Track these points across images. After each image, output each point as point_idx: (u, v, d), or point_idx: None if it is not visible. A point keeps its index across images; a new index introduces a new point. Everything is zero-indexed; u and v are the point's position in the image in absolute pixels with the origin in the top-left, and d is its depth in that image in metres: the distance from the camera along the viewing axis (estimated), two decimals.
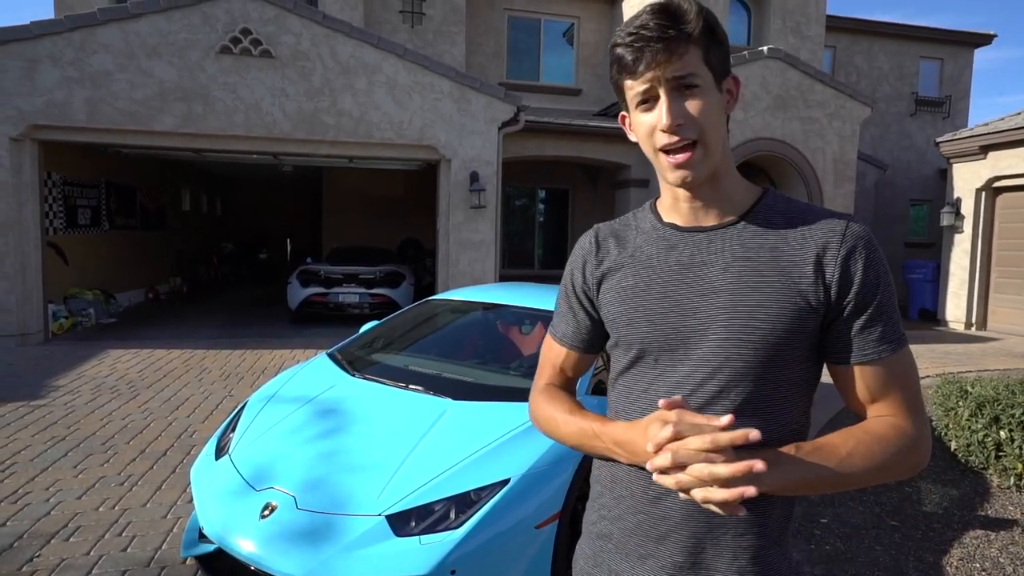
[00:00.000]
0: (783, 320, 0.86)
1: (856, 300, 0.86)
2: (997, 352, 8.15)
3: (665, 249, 0.95)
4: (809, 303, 0.86)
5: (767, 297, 0.87)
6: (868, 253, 0.87)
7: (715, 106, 0.88)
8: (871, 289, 0.86)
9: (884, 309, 0.86)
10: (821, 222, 0.89)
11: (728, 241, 0.91)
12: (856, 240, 0.87)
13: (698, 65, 0.85)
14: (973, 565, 2.81)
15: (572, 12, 11.87)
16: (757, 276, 0.88)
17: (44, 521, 2.95)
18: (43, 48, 6.82)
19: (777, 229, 0.90)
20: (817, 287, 0.86)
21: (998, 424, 3.72)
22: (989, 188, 9.89)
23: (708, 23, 0.87)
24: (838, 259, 0.86)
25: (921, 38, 14.18)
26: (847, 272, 0.86)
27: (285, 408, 2.79)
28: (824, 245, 0.87)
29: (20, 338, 6.90)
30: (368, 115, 7.77)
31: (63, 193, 8.39)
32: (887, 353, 0.87)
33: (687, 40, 0.85)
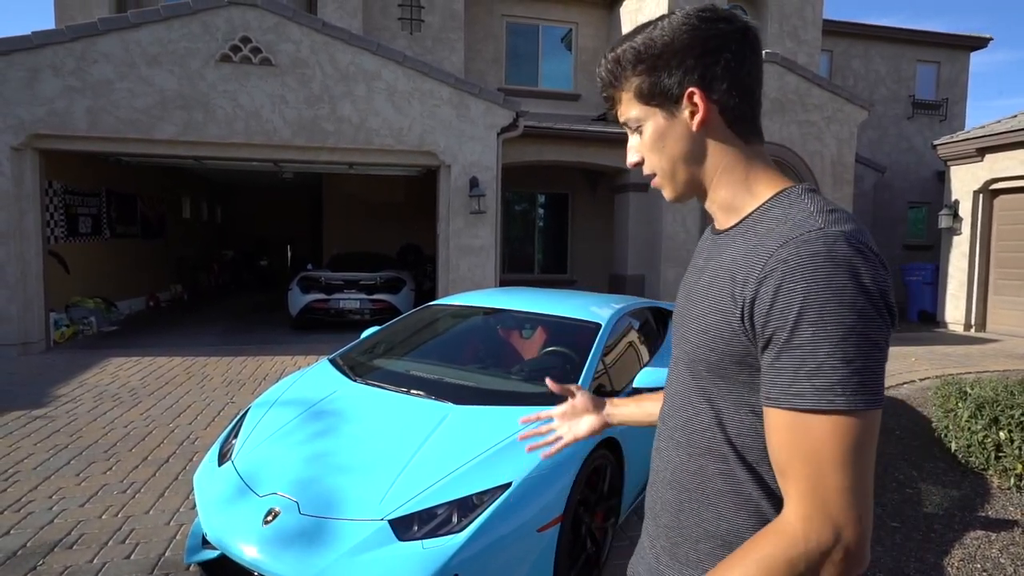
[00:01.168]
0: (710, 334, 0.82)
1: (763, 329, 0.74)
2: (996, 353, 8.16)
3: (699, 252, 1.00)
4: (734, 324, 0.78)
5: (703, 308, 0.86)
6: (789, 281, 0.71)
7: (667, 135, 0.88)
8: (780, 319, 0.71)
9: (796, 349, 0.70)
10: (771, 234, 0.78)
11: (716, 248, 0.91)
12: (779, 262, 0.72)
13: (632, 107, 0.90)
14: (974, 566, 2.82)
15: (570, 18, 11.93)
16: (711, 286, 0.85)
17: (48, 529, 2.96)
18: (44, 58, 6.86)
19: (743, 238, 0.83)
20: (736, 307, 0.78)
21: (998, 425, 3.73)
22: (987, 190, 9.92)
23: (630, 59, 0.87)
24: (750, 279, 0.76)
25: (917, 42, 14.25)
26: (756, 295, 0.74)
27: (287, 414, 2.80)
28: (751, 259, 0.77)
29: (22, 347, 6.91)
30: (368, 121, 7.81)
31: (64, 202, 8.42)
32: (786, 405, 0.71)
33: (615, 89, 0.91)
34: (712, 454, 0.86)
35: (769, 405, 0.74)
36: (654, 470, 0.99)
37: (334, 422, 2.69)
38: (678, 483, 0.91)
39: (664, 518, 0.94)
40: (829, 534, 0.68)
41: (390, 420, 2.66)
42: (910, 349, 8.25)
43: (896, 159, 14.16)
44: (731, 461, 0.84)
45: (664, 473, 0.95)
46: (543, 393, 2.85)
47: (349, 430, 2.61)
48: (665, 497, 0.94)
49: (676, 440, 0.92)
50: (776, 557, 0.70)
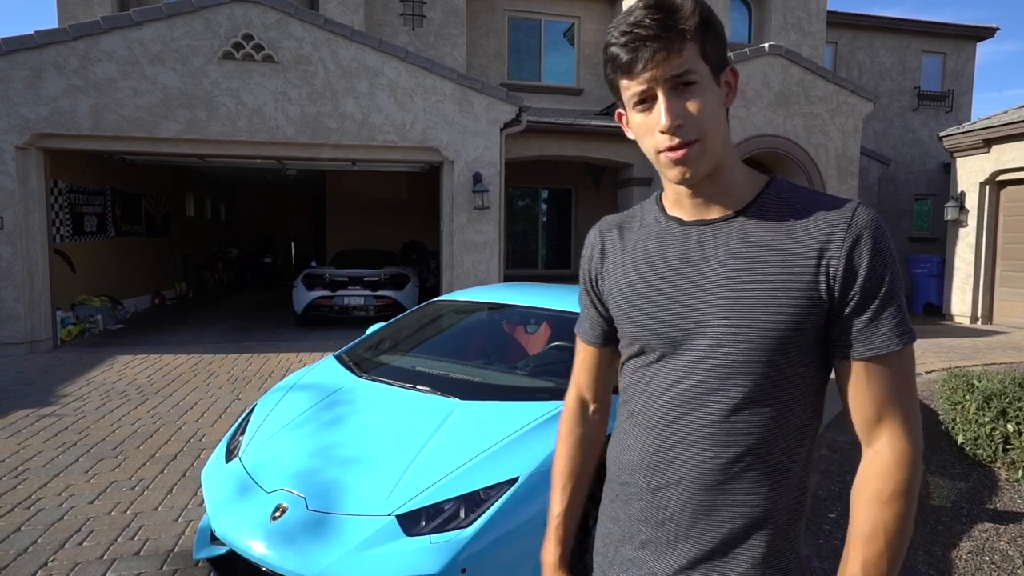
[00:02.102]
0: (784, 315, 0.83)
1: (862, 292, 0.82)
2: (1003, 346, 8.12)
3: (667, 244, 0.94)
4: (812, 297, 0.83)
5: (767, 291, 0.84)
6: (875, 242, 0.82)
7: (714, 102, 0.85)
8: (878, 280, 0.82)
9: (891, 301, 0.82)
10: (826, 210, 0.86)
11: (730, 234, 0.89)
12: (862, 229, 0.83)
13: (695, 61, 0.83)
14: (982, 558, 2.81)
15: (572, 12, 11.89)
16: (757, 269, 0.85)
17: (57, 526, 2.98)
18: (47, 57, 6.87)
19: (780, 220, 0.87)
20: (820, 279, 0.83)
21: (1005, 417, 3.71)
22: (993, 182, 9.85)
23: (704, 16, 0.84)
24: (843, 250, 0.82)
25: (923, 32, 14.14)
26: (851, 263, 0.82)
27: (294, 410, 2.81)
28: (828, 235, 0.84)
29: (29, 345, 6.95)
30: (371, 118, 7.80)
31: (69, 201, 8.45)
32: (895, 347, 0.82)
33: (684, 37, 0.82)
34: (759, 434, 0.87)
35: (878, 352, 0.83)
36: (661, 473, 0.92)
37: (340, 418, 2.69)
38: (709, 479, 0.88)
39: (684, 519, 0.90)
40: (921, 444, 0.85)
41: (396, 416, 2.66)
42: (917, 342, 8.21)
43: (901, 151, 14.08)
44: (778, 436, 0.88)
45: (684, 472, 0.90)
46: (549, 388, 2.85)
47: (355, 425, 2.62)
48: (689, 497, 0.89)
49: (705, 436, 0.88)
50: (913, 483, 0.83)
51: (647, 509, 0.94)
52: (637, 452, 0.96)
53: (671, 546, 0.91)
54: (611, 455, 1.05)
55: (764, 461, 0.87)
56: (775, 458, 0.87)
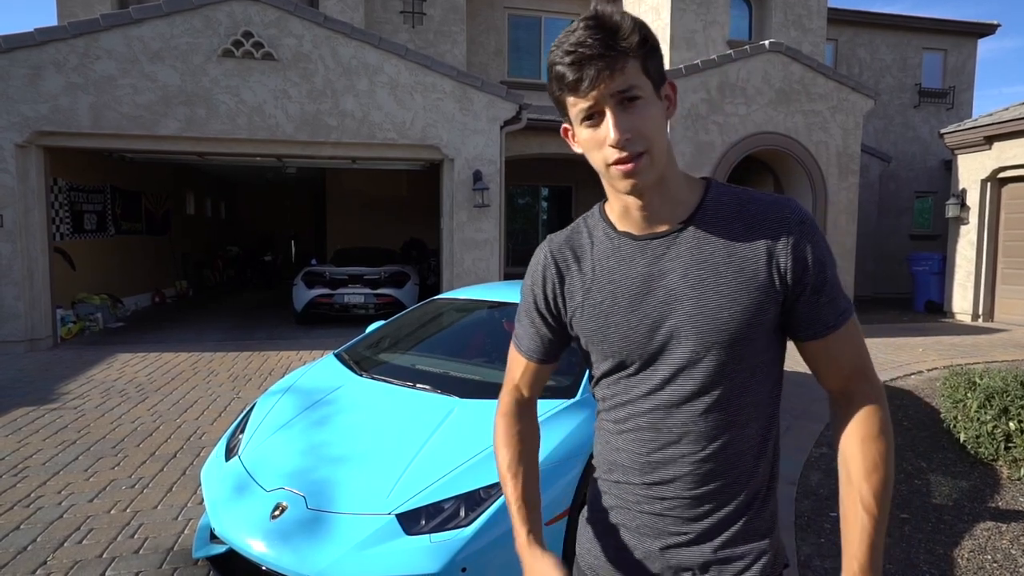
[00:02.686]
0: (748, 314, 0.91)
1: (814, 281, 0.92)
2: (1005, 343, 8.11)
3: (625, 262, 0.98)
4: (768, 293, 0.92)
5: (729, 295, 0.91)
6: (814, 236, 0.93)
7: (657, 115, 0.90)
8: (822, 267, 0.92)
9: (832, 282, 0.94)
10: (765, 211, 0.94)
11: (683, 246, 0.95)
12: (801, 225, 0.93)
13: (638, 77, 0.87)
14: (984, 557, 2.81)
15: (572, 9, 11.86)
16: (716, 278, 0.92)
17: (57, 524, 2.98)
18: (47, 54, 6.86)
19: (727, 226, 0.95)
20: (773, 275, 0.92)
21: (1007, 415, 3.70)
22: (994, 179, 9.83)
23: (643, 34, 0.88)
24: (788, 247, 0.92)
25: (924, 29, 14.10)
26: (798, 257, 0.91)
27: (293, 409, 2.80)
28: (775, 235, 0.92)
29: (29, 343, 6.95)
30: (370, 116, 7.79)
31: (69, 199, 8.44)
32: (847, 318, 0.94)
33: (625, 55, 0.86)
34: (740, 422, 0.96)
35: (833, 329, 0.94)
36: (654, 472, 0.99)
37: (340, 416, 2.69)
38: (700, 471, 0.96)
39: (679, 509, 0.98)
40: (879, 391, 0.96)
41: (396, 414, 2.65)
42: (917, 340, 8.21)
43: (902, 148, 14.04)
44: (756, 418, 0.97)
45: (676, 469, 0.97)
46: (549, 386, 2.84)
47: (355, 424, 2.61)
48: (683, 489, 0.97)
49: (691, 433, 0.96)
50: (889, 419, 0.95)
51: (643, 500, 1.01)
52: (627, 456, 1.01)
53: (666, 529, 0.99)
54: (599, 455, 1.09)
55: (745, 441, 0.97)
56: (754, 437, 0.97)
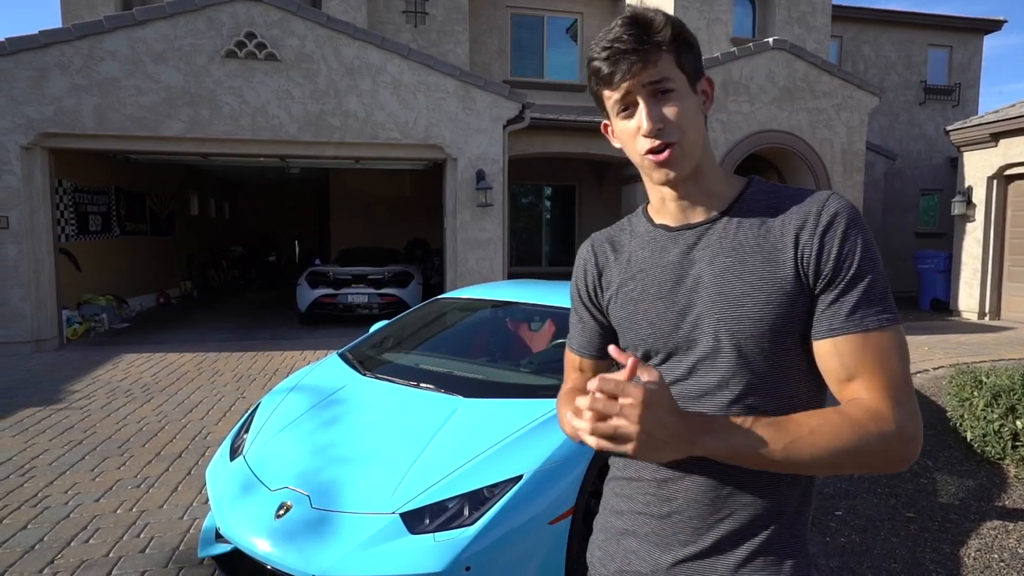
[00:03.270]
0: (771, 306, 0.88)
1: (831, 273, 0.86)
2: (1011, 342, 8.06)
3: (658, 251, 0.99)
4: (795, 286, 0.87)
5: (752, 286, 0.89)
6: (846, 226, 0.86)
7: (691, 108, 0.91)
8: (845, 261, 0.85)
9: (859, 282, 0.85)
10: (801, 202, 0.91)
11: (715, 235, 0.94)
12: (834, 215, 0.87)
13: (671, 70, 0.90)
14: (991, 556, 2.79)
15: (575, 8, 11.84)
16: (741, 266, 0.90)
17: (64, 524, 2.99)
18: (51, 56, 6.89)
19: (762, 217, 0.93)
20: (798, 267, 0.87)
21: (1014, 414, 3.68)
22: (1001, 176, 9.77)
23: (677, 29, 0.91)
24: (815, 235, 0.87)
25: (929, 26, 14.02)
26: (823, 246, 0.86)
27: (298, 408, 2.81)
28: (802, 223, 0.89)
29: (35, 344, 6.98)
30: (374, 116, 7.80)
31: (74, 200, 8.48)
32: (857, 329, 0.84)
33: (658, 48, 0.89)
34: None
35: (837, 334, 0.85)
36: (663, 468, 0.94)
37: (344, 416, 2.69)
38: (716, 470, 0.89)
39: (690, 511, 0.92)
40: (912, 424, 0.82)
41: (400, 414, 2.66)
42: (923, 338, 8.17)
43: (907, 146, 13.98)
44: None
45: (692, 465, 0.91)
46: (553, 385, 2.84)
47: (359, 424, 2.61)
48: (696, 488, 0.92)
49: None
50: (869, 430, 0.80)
51: (653, 502, 0.96)
52: (641, 467, 0.98)
53: (676, 537, 0.94)
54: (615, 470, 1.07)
55: None
56: None
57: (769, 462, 0.81)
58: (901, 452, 0.81)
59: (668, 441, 0.79)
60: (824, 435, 0.80)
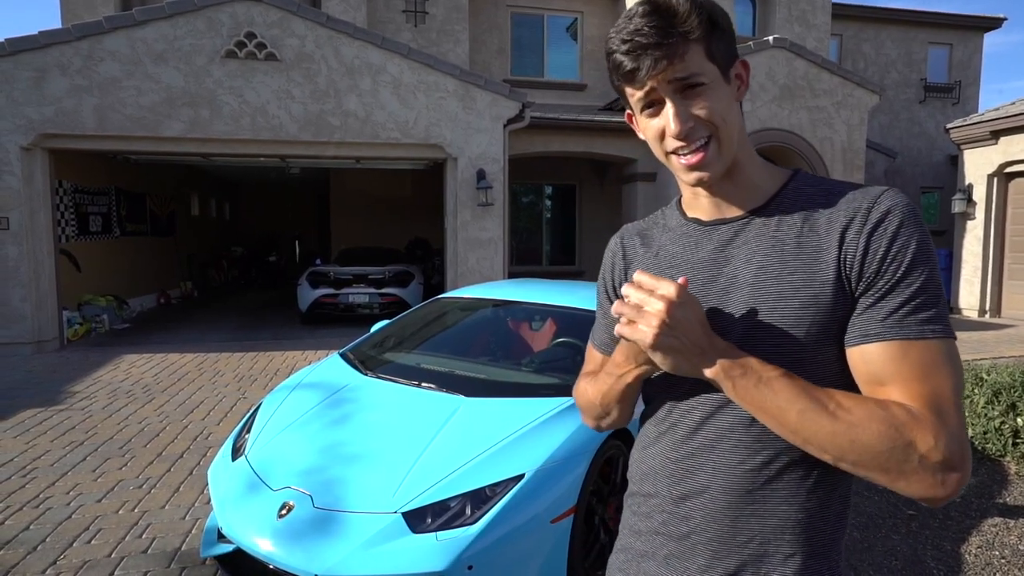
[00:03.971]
0: (811, 310, 0.80)
1: (873, 275, 0.77)
2: (1012, 339, 8.06)
3: (691, 247, 0.92)
4: (836, 289, 0.79)
5: (791, 287, 0.81)
6: (898, 224, 0.77)
7: (725, 99, 0.83)
8: (893, 262, 0.76)
9: (905, 284, 0.75)
10: (850, 198, 0.82)
11: (752, 232, 0.87)
12: (885, 211, 0.78)
13: (701, 63, 0.81)
14: (992, 553, 2.80)
15: (575, 7, 11.84)
16: (780, 265, 0.82)
17: (66, 524, 3.00)
18: (51, 57, 6.88)
19: (805, 213, 0.84)
20: (842, 267, 0.79)
21: (1015, 411, 3.69)
22: (1001, 174, 9.77)
23: (705, 14, 0.81)
24: (862, 233, 0.78)
25: (929, 23, 14.02)
26: (868, 246, 0.78)
27: (299, 408, 2.81)
28: (849, 220, 0.80)
29: (36, 345, 6.98)
30: (374, 115, 7.80)
31: (74, 201, 8.48)
32: (895, 336, 0.74)
33: (685, 40, 0.80)
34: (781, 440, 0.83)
35: (871, 340, 0.76)
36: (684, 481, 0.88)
37: (346, 415, 2.69)
38: (737, 487, 0.84)
39: (709, 531, 0.86)
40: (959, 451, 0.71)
41: (402, 413, 2.66)
42: None
43: (908, 144, 13.98)
44: None
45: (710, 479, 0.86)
46: (554, 384, 2.84)
47: (361, 423, 2.62)
48: (715, 507, 0.85)
49: (732, 441, 0.84)
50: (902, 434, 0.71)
51: (670, 521, 0.90)
52: (659, 460, 0.92)
53: (694, 561, 0.87)
54: (633, 465, 1.01)
55: (797, 468, 0.82)
56: (809, 466, 0.82)
57: (779, 422, 0.76)
58: (931, 478, 0.71)
59: (685, 346, 0.77)
60: (846, 421, 0.72)
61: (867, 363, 0.77)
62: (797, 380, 0.76)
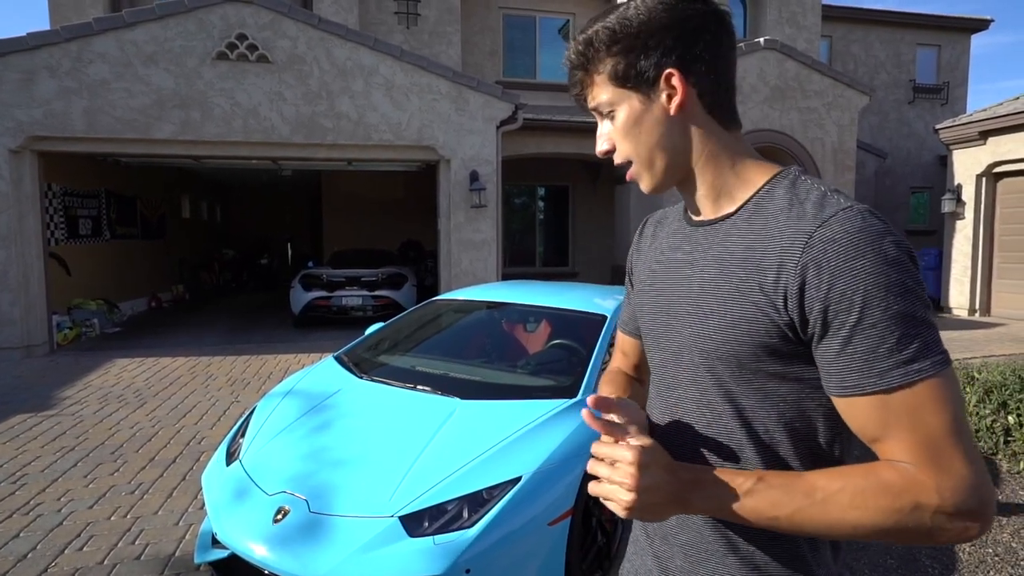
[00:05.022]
0: (740, 330, 0.76)
1: (823, 318, 0.70)
2: (1002, 338, 8.14)
3: (675, 245, 0.92)
4: (768, 315, 0.74)
5: (723, 304, 0.78)
6: (843, 259, 0.68)
7: (642, 121, 0.83)
8: (843, 303, 0.68)
9: (870, 328, 0.67)
10: (800, 212, 0.74)
11: (713, 238, 0.84)
12: (827, 243, 0.69)
13: (606, 89, 0.84)
14: (986, 551, 2.81)
15: (567, 8, 11.86)
16: (721, 277, 0.80)
17: (57, 531, 2.96)
18: (40, 59, 6.82)
19: (760, 225, 0.78)
20: (776, 299, 0.73)
21: (1006, 409, 3.72)
22: (990, 174, 9.87)
23: (605, 40, 0.82)
24: (796, 266, 0.71)
25: (917, 25, 14.15)
26: (805, 284, 0.70)
27: (294, 412, 2.79)
28: (788, 244, 0.73)
29: (25, 350, 6.91)
30: (366, 117, 7.77)
31: (64, 204, 8.40)
32: (875, 388, 0.68)
33: (587, 71, 0.84)
34: (737, 456, 0.81)
35: (852, 393, 0.70)
36: None
37: (341, 419, 2.68)
38: None
39: (683, 536, 0.87)
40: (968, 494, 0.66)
41: (397, 416, 2.65)
42: None
43: (897, 144, 14.09)
44: (755, 461, 0.80)
45: None
46: (550, 386, 2.84)
47: (357, 427, 2.60)
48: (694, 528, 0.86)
49: (699, 451, 0.85)
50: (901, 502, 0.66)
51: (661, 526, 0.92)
52: None
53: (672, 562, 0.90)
54: None
55: None
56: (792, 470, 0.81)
57: (774, 527, 0.73)
58: (952, 529, 0.66)
59: (661, 503, 0.75)
60: (840, 505, 0.68)
61: (854, 417, 0.72)
62: (775, 480, 0.72)
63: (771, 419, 0.79)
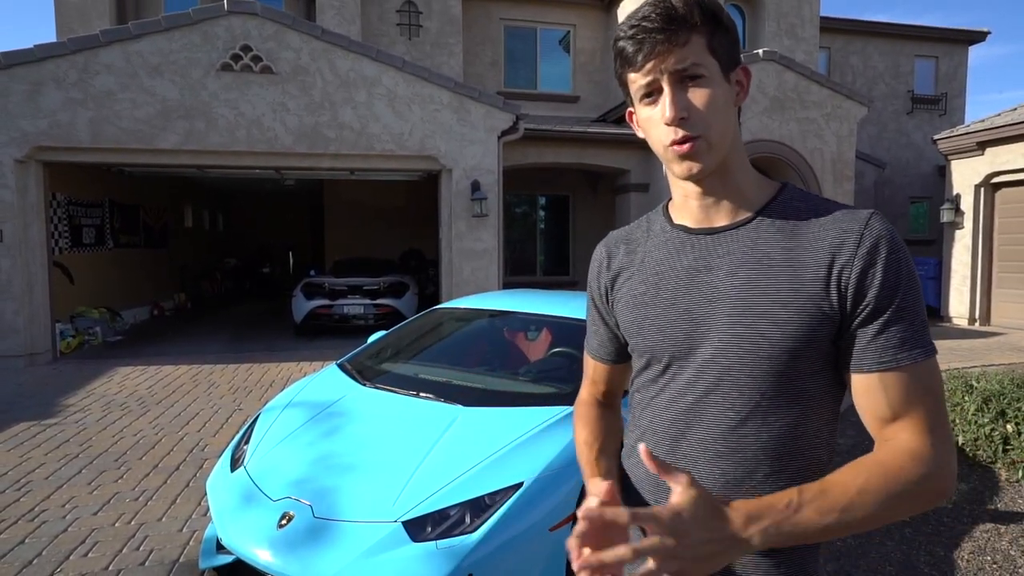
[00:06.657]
0: (792, 326, 0.81)
1: (875, 303, 0.79)
2: (1001, 347, 8.16)
3: (674, 253, 0.92)
4: (822, 308, 0.81)
5: (776, 302, 0.82)
6: (889, 252, 0.80)
7: (721, 98, 0.84)
8: (890, 291, 0.79)
9: (906, 313, 0.79)
10: (839, 219, 0.84)
11: (737, 243, 0.87)
12: (876, 239, 0.80)
13: (702, 55, 0.82)
14: (984, 558, 2.83)
15: (568, 20, 11.97)
16: (766, 279, 0.83)
17: (62, 538, 2.98)
18: (47, 70, 6.90)
19: (792, 228, 0.85)
20: (831, 291, 0.81)
21: (1005, 418, 3.74)
22: (988, 184, 9.92)
23: (711, 10, 0.83)
24: (854, 259, 0.80)
25: (915, 37, 14.27)
26: (864, 274, 0.80)
27: (298, 418, 2.82)
28: (839, 244, 0.81)
29: (29, 358, 6.94)
30: (369, 127, 7.84)
31: (68, 213, 8.47)
32: (907, 361, 0.79)
33: (689, 29, 0.82)
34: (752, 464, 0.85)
35: (888, 367, 0.79)
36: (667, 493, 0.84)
37: (345, 425, 2.70)
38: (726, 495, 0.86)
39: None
40: (951, 458, 0.79)
41: (400, 423, 2.67)
42: None
43: (896, 155, 14.17)
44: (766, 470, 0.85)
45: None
46: (551, 393, 2.87)
47: (360, 433, 2.63)
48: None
49: (711, 452, 0.87)
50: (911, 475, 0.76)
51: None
52: (644, 470, 0.94)
53: None
54: (625, 465, 1.03)
55: (777, 479, 0.85)
56: (789, 476, 0.85)
57: (821, 537, 0.76)
58: (942, 489, 0.78)
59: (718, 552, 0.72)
60: (872, 493, 0.75)
61: (885, 389, 0.80)
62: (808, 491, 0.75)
63: (789, 423, 0.85)
